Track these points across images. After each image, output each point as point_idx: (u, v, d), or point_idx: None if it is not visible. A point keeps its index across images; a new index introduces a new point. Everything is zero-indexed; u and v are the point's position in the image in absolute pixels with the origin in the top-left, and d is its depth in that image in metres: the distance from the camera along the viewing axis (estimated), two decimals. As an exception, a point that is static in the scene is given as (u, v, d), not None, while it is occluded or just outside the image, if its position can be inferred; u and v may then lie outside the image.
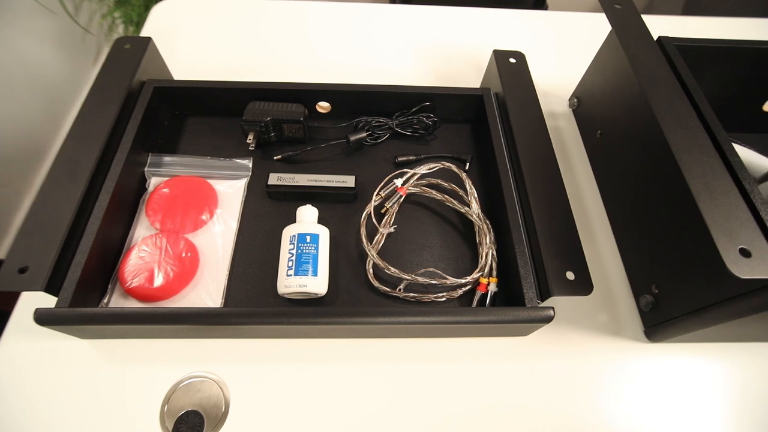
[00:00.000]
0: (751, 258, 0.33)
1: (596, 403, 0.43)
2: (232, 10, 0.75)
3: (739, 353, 0.46)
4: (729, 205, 0.35)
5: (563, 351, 0.46)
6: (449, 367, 0.44)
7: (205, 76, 0.56)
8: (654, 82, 0.43)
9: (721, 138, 0.40)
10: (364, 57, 0.70)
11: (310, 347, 0.44)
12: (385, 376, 0.43)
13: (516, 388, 0.44)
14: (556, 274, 0.42)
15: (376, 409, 0.42)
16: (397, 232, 0.50)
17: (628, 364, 0.45)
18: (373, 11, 0.77)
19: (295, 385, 0.42)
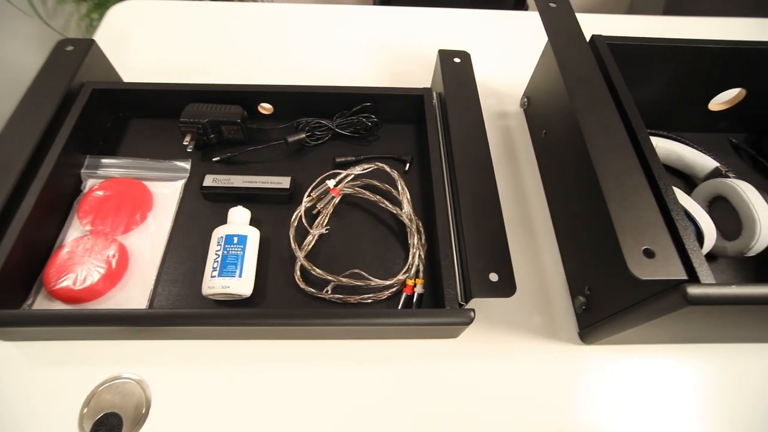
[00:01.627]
0: (654, 259, 0.32)
1: (523, 405, 0.43)
2: (189, 13, 0.75)
3: (668, 355, 0.45)
4: (639, 205, 0.35)
5: (494, 352, 0.45)
6: (375, 369, 0.44)
7: (158, 78, 0.57)
8: (578, 80, 0.42)
9: (642, 137, 0.40)
10: (320, 58, 0.70)
11: (235, 348, 0.44)
12: (310, 378, 0.43)
13: (443, 390, 0.43)
14: (479, 276, 0.41)
15: (299, 411, 0.41)
16: (332, 233, 0.50)
17: (559, 366, 0.45)
18: (331, 12, 0.77)
19: (217, 386, 0.42)
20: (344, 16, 0.77)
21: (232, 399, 0.41)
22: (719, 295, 0.32)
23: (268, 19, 0.75)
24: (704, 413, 0.43)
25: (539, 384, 0.44)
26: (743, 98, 0.56)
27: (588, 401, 0.43)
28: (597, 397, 0.43)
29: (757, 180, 0.58)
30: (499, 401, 0.43)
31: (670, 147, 0.56)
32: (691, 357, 0.46)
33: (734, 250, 0.47)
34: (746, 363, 0.46)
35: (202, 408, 0.41)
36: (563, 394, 0.43)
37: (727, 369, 0.45)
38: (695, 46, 0.49)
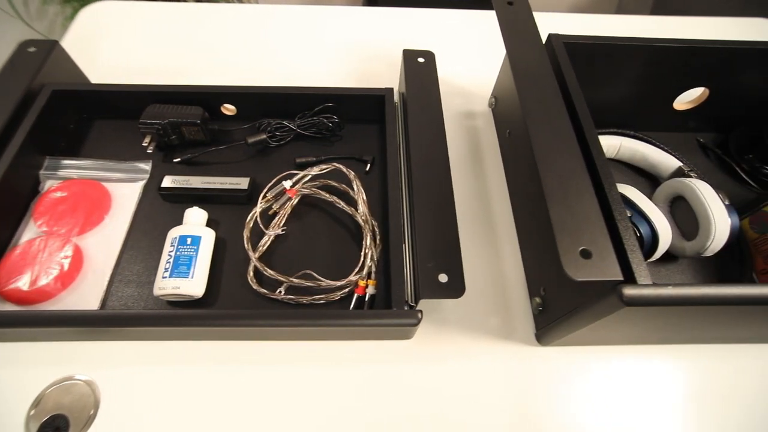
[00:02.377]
0: (590, 259, 0.32)
1: (476, 406, 0.42)
2: (160, 14, 0.75)
3: (624, 356, 0.45)
4: (580, 206, 0.35)
5: (448, 353, 0.45)
6: (327, 370, 0.43)
7: (129, 79, 0.57)
8: (529, 79, 0.42)
9: (591, 137, 0.39)
10: (290, 59, 0.70)
11: (186, 349, 0.44)
12: (261, 380, 0.43)
13: (396, 392, 0.43)
14: (427, 277, 0.41)
15: (248, 413, 0.41)
16: (289, 234, 0.50)
17: (514, 367, 0.45)
18: (302, 13, 0.77)
19: (167, 387, 0.42)
20: (316, 17, 0.76)
21: (181, 400, 0.41)
22: (655, 296, 0.32)
23: (239, 21, 0.75)
24: (660, 415, 0.43)
25: (493, 385, 0.43)
26: (707, 98, 0.56)
27: (541, 403, 0.43)
28: (550, 398, 0.43)
29: (722, 179, 0.58)
30: (452, 403, 0.43)
31: (635, 147, 0.56)
32: (648, 358, 0.45)
33: (692, 250, 0.47)
34: (703, 364, 0.45)
35: (151, 409, 0.41)
36: (516, 395, 0.43)
37: (684, 370, 0.45)
38: (654, 45, 0.49)
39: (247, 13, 0.76)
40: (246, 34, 0.73)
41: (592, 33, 0.50)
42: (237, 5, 0.76)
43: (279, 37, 0.73)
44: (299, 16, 0.76)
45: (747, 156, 0.57)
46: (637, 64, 0.51)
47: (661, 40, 0.49)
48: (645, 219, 0.44)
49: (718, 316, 0.37)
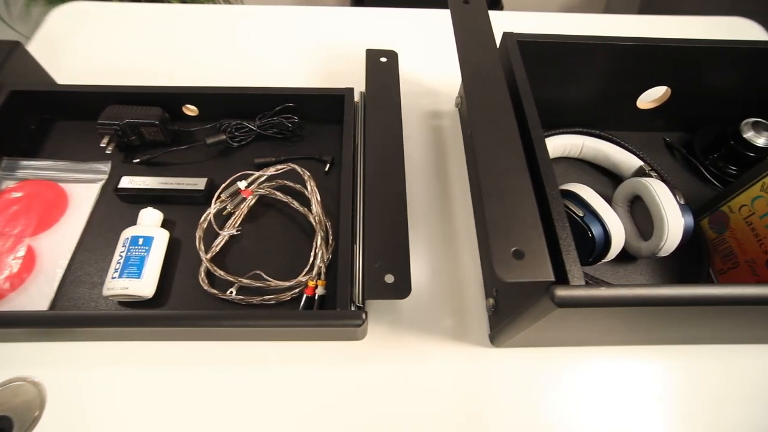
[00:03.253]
0: (523, 260, 0.32)
1: (424, 407, 0.42)
2: (130, 14, 0.75)
3: (572, 357, 0.45)
4: (518, 206, 0.34)
5: (400, 354, 0.45)
6: (277, 371, 0.43)
7: (97, 80, 0.57)
8: (477, 78, 0.42)
9: (536, 137, 0.39)
10: (261, 59, 0.70)
11: (136, 349, 0.43)
12: (213, 380, 0.42)
13: (346, 392, 0.43)
14: (374, 277, 0.41)
15: (200, 413, 0.41)
16: (245, 234, 0.49)
17: (466, 369, 0.44)
18: (274, 14, 0.77)
19: (114, 387, 0.42)
20: (288, 17, 0.76)
21: (127, 400, 0.41)
22: (587, 297, 0.31)
23: (209, 22, 0.74)
24: (611, 416, 0.42)
25: (442, 386, 0.43)
26: (670, 97, 0.55)
27: (489, 404, 0.42)
28: (499, 400, 0.43)
29: (687, 179, 0.58)
30: (401, 404, 0.42)
31: (597, 146, 0.55)
32: (601, 360, 0.45)
33: (647, 250, 0.47)
34: (660, 365, 0.45)
35: (97, 410, 0.41)
36: (465, 396, 0.43)
37: (640, 371, 0.45)
38: (611, 43, 0.48)
39: (216, 14, 0.76)
40: (215, 35, 0.72)
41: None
42: (207, 6, 0.76)
43: (247, 37, 0.73)
44: (267, 16, 0.76)
45: (712, 156, 0.57)
46: (596, 62, 0.50)
47: (617, 39, 0.49)
48: (597, 219, 0.44)
49: (663, 317, 0.37)
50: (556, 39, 0.48)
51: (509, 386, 0.43)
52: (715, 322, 0.37)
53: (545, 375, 0.44)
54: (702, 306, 0.32)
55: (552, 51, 0.50)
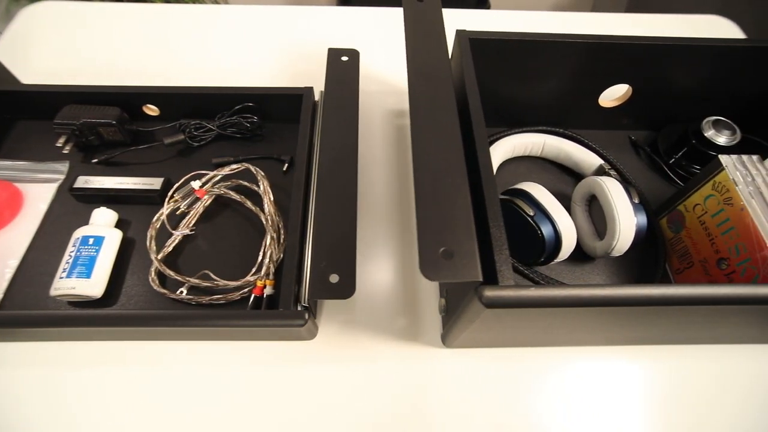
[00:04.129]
0: (452, 260, 0.31)
1: (372, 408, 0.42)
2: (100, 14, 0.75)
3: (523, 358, 0.44)
4: (451, 205, 0.34)
5: (351, 355, 0.45)
6: (226, 370, 0.43)
7: (62, 79, 0.56)
8: (422, 76, 0.41)
9: (478, 135, 0.39)
10: (230, 59, 0.70)
11: (84, 349, 0.43)
12: (164, 379, 0.42)
13: (295, 393, 0.42)
14: (318, 277, 0.41)
15: (149, 414, 0.41)
16: (200, 234, 0.49)
17: (414, 369, 0.44)
18: (247, 13, 0.76)
19: (56, 388, 0.42)
20: (258, 16, 0.76)
21: (69, 400, 0.41)
22: (516, 297, 0.31)
23: (177, 21, 0.74)
24: (561, 417, 0.42)
25: (390, 386, 0.43)
26: (632, 95, 0.55)
27: (436, 405, 0.42)
28: (447, 401, 0.42)
29: (651, 178, 0.57)
30: (348, 404, 0.42)
31: (558, 144, 0.55)
32: (548, 361, 0.45)
33: (601, 249, 0.46)
34: (612, 365, 0.45)
35: (38, 410, 0.41)
36: (413, 397, 0.42)
37: (590, 372, 0.44)
38: (566, 41, 0.48)
39: (186, 13, 0.76)
40: (184, 35, 0.72)
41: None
42: (175, 6, 0.76)
43: (216, 37, 0.72)
44: (236, 15, 0.76)
45: (675, 155, 0.56)
46: (555, 60, 0.50)
47: (572, 36, 0.48)
48: (548, 218, 0.44)
49: (604, 317, 0.36)
50: (509, 36, 0.48)
51: (457, 387, 0.43)
52: (656, 322, 0.37)
53: (494, 376, 0.44)
54: (634, 306, 0.32)
55: (508, 49, 0.49)
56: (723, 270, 0.42)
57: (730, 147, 0.53)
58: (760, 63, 0.51)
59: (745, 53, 0.50)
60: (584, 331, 0.39)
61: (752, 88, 0.55)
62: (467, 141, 0.39)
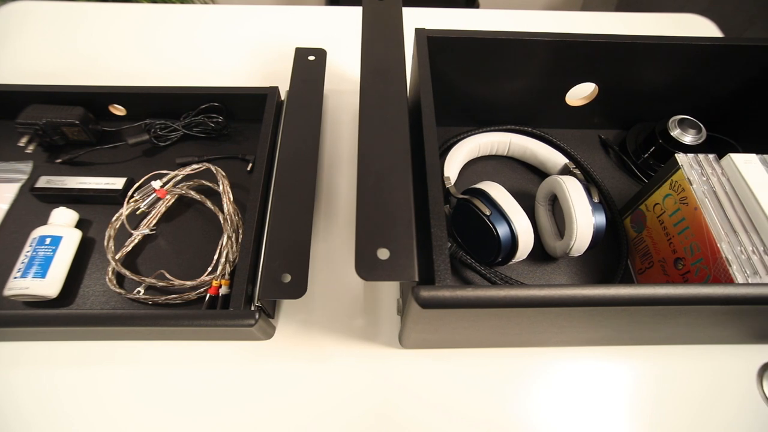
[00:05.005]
0: (388, 259, 0.31)
1: (325, 407, 0.42)
2: (74, 14, 0.74)
3: (477, 359, 0.44)
4: (392, 204, 0.34)
5: (307, 355, 0.44)
6: (183, 370, 0.43)
7: (33, 79, 0.56)
8: (375, 73, 0.41)
9: (427, 134, 0.38)
10: (202, 60, 0.70)
11: (37, 349, 0.43)
12: (120, 379, 0.42)
13: (250, 393, 0.42)
14: (270, 276, 0.41)
15: (102, 414, 0.41)
16: (161, 233, 0.49)
17: (370, 369, 0.44)
18: (218, 13, 0.76)
19: (13, 389, 0.42)
20: (237, 16, 0.76)
21: (24, 402, 0.41)
22: (452, 297, 0.31)
23: (153, 21, 0.74)
24: (515, 418, 0.42)
25: (344, 385, 0.43)
26: (599, 94, 0.54)
27: (391, 406, 0.42)
28: (401, 401, 0.42)
29: (620, 177, 0.57)
30: (303, 404, 0.42)
31: (524, 143, 0.55)
32: (502, 362, 0.44)
33: (561, 249, 0.46)
34: (556, 367, 0.44)
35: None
36: (368, 397, 0.42)
37: (545, 373, 0.44)
38: (525, 39, 0.47)
39: (160, 13, 0.75)
40: (158, 35, 0.72)
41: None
42: (147, 6, 0.76)
43: (195, 37, 0.72)
44: (216, 15, 0.76)
45: (644, 154, 0.56)
46: (519, 59, 0.49)
47: (535, 35, 0.48)
48: (504, 218, 0.43)
49: (551, 318, 0.36)
50: (470, 35, 0.47)
51: (412, 388, 0.43)
52: (603, 323, 0.36)
53: (449, 377, 0.43)
54: (573, 307, 0.31)
55: (474, 48, 0.49)
56: (679, 270, 0.42)
57: (696, 146, 0.52)
58: (728, 61, 0.51)
59: (711, 51, 0.49)
60: (536, 332, 0.39)
61: (720, 86, 0.54)
62: (419, 140, 0.39)
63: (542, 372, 0.44)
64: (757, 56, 0.50)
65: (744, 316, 0.37)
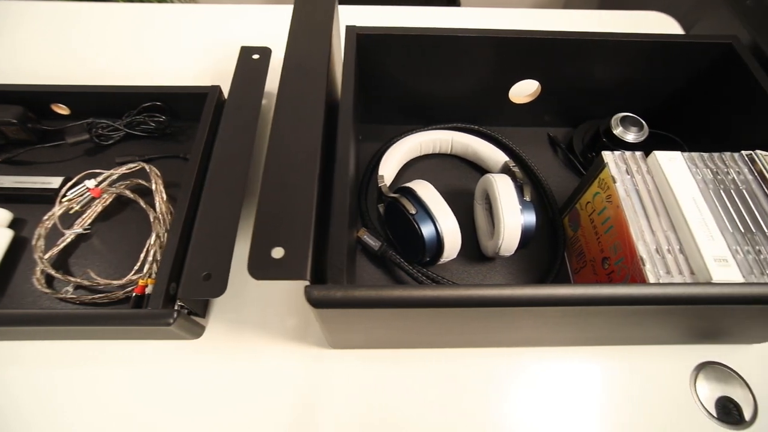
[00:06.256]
0: (282, 258, 0.31)
1: (251, 406, 0.41)
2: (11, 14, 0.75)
3: (401, 360, 0.44)
4: (295, 204, 0.33)
5: (235, 354, 0.44)
6: (108, 369, 0.43)
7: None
8: (296, 71, 0.41)
9: (342, 133, 0.38)
10: (156, 58, 0.70)
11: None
12: (48, 379, 0.42)
13: (177, 392, 0.42)
14: (190, 275, 0.41)
15: (32, 416, 0.41)
16: (97, 233, 0.49)
17: (297, 369, 0.43)
18: (172, 12, 0.76)
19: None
20: (188, 15, 0.76)
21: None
22: (342, 297, 0.30)
23: (108, 20, 0.74)
24: (442, 418, 0.41)
25: (270, 385, 0.43)
26: (543, 91, 0.54)
27: (317, 406, 0.42)
28: (327, 402, 0.42)
29: (567, 176, 0.56)
30: (231, 404, 0.42)
31: (466, 142, 0.54)
32: (428, 362, 0.44)
33: (491, 249, 0.45)
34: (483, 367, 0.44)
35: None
36: (293, 397, 0.42)
37: (471, 373, 0.44)
38: (458, 35, 0.47)
39: (114, 12, 0.75)
40: (111, 33, 0.72)
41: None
42: (99, 4, 0.75)
43: (142, 36, 0.72)
44: (163, 14, 0.75)
45: (590, 153, 0.55)
46: (458, 56, 0.49)
47: (467, 31, 0.47)
48: (430, 218, 0.43)
49: (466, 319, 0.35)
50: (400, 32, 0.47)
51: (338, 388, 0.43)
52: (514, 324, 0.36)
53: (375, 377, 0.43)
54: (472, 308, 0.31)
55: (412, 45, 0.48)
56: (605, 270, 0.41)
57: (638, 144, 0.51)
58: (672, 58, 0.50)
59: (654, 48, 0.49)
60: (465, 333, 0.38)
61: (667, 83, 0.54)
62: (332, 138, 0.39)
63: (474, 373, 0.44)
64: (700, 52, 0.50)
65: (667, 316, 0.36)
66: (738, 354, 0.46)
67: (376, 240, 0.46)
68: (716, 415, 0.42)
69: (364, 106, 0.56)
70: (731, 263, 0.34)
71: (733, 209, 0.38)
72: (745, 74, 0.46)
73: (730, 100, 0.49)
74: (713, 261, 0.34)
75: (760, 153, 0.41)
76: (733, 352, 0.46)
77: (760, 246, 0.36)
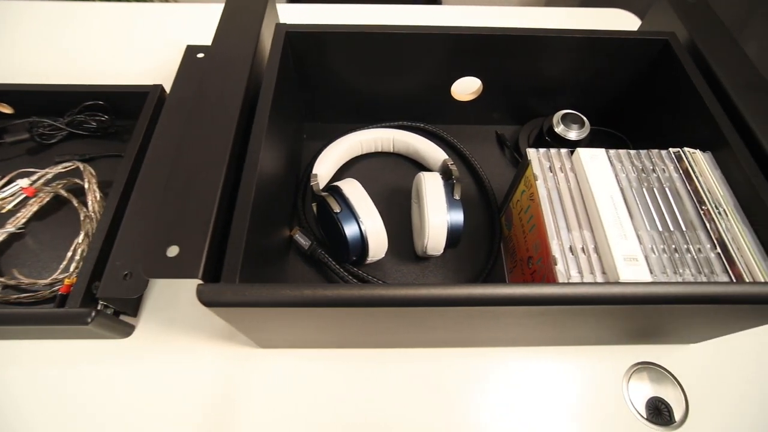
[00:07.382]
0: (177, 257, 0.30)
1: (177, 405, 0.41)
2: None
3: (329, 359, 0.43)
4: (197, 202, 0.33)
5: (161, 355, 0.44)
6: (35, 369, 0.43)
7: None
8: (216, 69, 0.40)
9: (256, 131, 0.38)
10: (112, 58, 0.70)
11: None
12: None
13: (103, 392, 0.42)
14: (112, 274, 0.40)
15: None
16: (31, 232, 0.49)
17: (223, 369, 0.43)
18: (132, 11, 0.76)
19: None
20: (139, 13, 0.75)
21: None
22: (233, 297, 0.30)
23: (55, 18, 0.74)
24: (373, 417, 0.41)
25: (197, 385, 0.42)
26: (485, 88, 0.53)
27: (242, 406, 0.41)
28: (252, 402, 0.42)
29: (513, 174, 0.55)
30: (158, 404, 0.41)
31: (407, 140, 0.54)
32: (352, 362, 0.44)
33: (419, 249, 0.45)
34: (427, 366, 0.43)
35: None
36: (220, 397, 0.42)
37: (402, 374, 0.43)
38: (390, 32, 0.46)
39: (59, 10, 0.75)
40: (57, 32, 0.72)
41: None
42: (47, 3, 0.75)
43: (92, 34, 0.72)
44: (112, 12, 0.75)
45: (535, 150, 0.54)
46: (394, 54, 0.48)
47: (401, 28, 0.46)
48: (354, 217, 0.42)
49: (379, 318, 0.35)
50: (332, 29, 0.46)
51: (265, 387, 0.42)
52: (425, 324, 0.35)
53: (301, 376, 0.43)
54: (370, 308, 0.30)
55: (345, 42, 0.48)
56: (530, 269, 0.41)
57: (580, 141, 0.51)
58: (614, 54, 0.49)
59: (596, 44, 0.48)
60: (376, 333, 0.38)
61: (611, 80, 0.53)
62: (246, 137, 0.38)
63: (405, 373, 0.43)
64: (640, 49, 0.49)
65: (586, 316, 0.36)
66: (675, 354, 0.46)
67: (307, 239, 0.46)
68: (645, 416, 0.42)
69: (307, 105, 0.56)
70: (641, 262, 0.33)
71: (654, 208, 0.37)
72: (680, 71, 0.45)
73: (665, 97, 0.48)
74: (623, 260, 0.33)
75: (687, 150, 0.40)
76: (671, 353, 0.46)
77: (677, 245, 0.35)
